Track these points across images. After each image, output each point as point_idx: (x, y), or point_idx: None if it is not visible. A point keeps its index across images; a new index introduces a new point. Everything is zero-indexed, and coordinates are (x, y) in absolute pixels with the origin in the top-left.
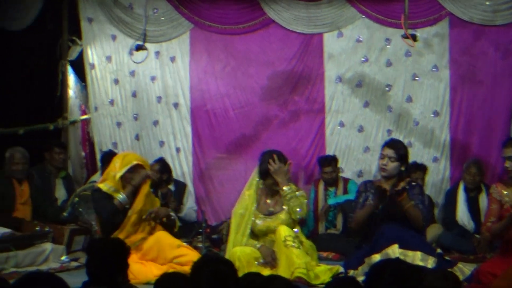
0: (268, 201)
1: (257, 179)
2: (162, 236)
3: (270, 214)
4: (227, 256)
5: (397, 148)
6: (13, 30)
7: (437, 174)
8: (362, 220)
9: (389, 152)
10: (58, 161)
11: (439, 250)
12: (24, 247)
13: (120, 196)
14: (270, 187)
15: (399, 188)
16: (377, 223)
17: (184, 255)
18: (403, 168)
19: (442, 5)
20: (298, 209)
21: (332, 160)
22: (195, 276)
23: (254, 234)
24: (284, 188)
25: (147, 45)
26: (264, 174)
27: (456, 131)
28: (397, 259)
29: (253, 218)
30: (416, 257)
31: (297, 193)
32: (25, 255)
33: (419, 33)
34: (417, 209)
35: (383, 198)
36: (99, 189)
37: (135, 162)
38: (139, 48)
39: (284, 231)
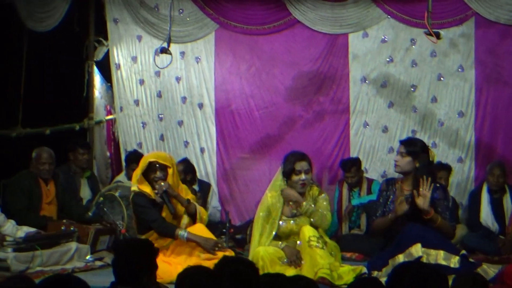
0: (291, 202)
1: (280, 180)
2: (198, 230)
3: (293, 216)
4: (250, 256)
5: (408, 144)
6: (40, 31)
7: (462, 175)
8: (381, 229)
9: (401, 148)
10: (82, 161)
11: (463, 251)
12: (50, 246)
13: (182, 233)
14: (295, 188)
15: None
16: (400, 224)
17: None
18: (417, 165)
19: (468, 5)
20: (320, 223)
21: (353, 165)
22: (217, 276)
23: (277, 236)
24: (303, 204)
25: (172, 47)
26: (288, 174)
27: (481, 132)
28: (419, 261)
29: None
30: (439, 256)
31: (323, 200)
32: (50, 254)
33: (444, 33)
34: (446, 220)
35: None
36: (138, 192)
37: (149, 160)
38: (163, 51)
39: (308, 231)
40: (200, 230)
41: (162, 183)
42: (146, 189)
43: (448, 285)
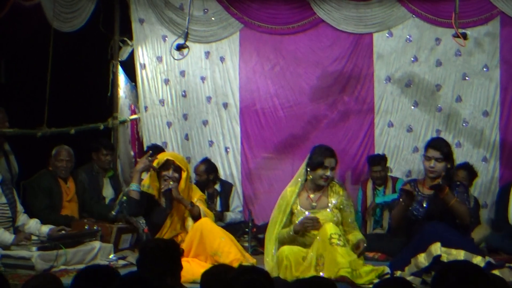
0: (311, 195)
1: (301, 178)
2: (204, 225)
3: (312, 208)
4: (269, 250)
5: (441, 148)
6: (66, 32)
7: (486, 175)
8: (397, 218)
9: (435, 153)
10: (104, 162)
11: (489, 259)
12: (73, 245)
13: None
14: (316, 181)
15: (435, 184)
16: (421, 223)
17: (224, 252)
18: (449, 166)
19: (493, 4)
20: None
21: (381, 160)
22: (231, 285)
23: (297, 231)
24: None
25: (197, 46)
26: (315, 167)
27: (506, 132)
28: (465, 261)
29: (296, 212)
30: (459, 256)
31: (348, 207)
32: (74, 253)
33: (469, 32)
34: (463, 204)
35: (411, 197)
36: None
37: (167, 157)
38: (179, 47)
39: (330, 229)
40: (205, 224)
41: (171, 183)
42: (154, 184)
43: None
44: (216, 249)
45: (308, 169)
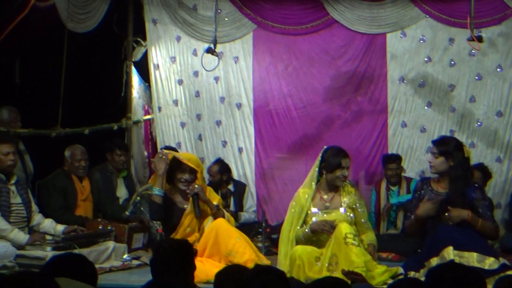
0: (325, 196)
1: (315, 181)
2: (220, 225)
3: (326, 209)
4: (283, 253)
5: (440, 144)
6: (80, 32)
7: (500, 175)
8: (412, 231)
9: (433, 148)
10: (119, 162)
11: (503, 260)
12: (88, 245)
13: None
14: (332, 182)
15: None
16: (434, 222)
17: (238, 253)
18: (451, 163)
19: (507, 4)
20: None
21: (396, 158)
22: (247, 285)
23: (311, 231)
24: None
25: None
26: (333, 168)
27: None
28: (457, 263)
29: (309, 213)
30: (472, 259)
31: (361, 207)
32: (88, 253)
33: (483, 32)
34: (487, 221)
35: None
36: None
37: (181, 161)
38: (209, 51)
39: (345, 228)
40: (221, 224)
41: (196, 186)
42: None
43: (486, 286)
44: (230, 249)
45: (324, 171)
